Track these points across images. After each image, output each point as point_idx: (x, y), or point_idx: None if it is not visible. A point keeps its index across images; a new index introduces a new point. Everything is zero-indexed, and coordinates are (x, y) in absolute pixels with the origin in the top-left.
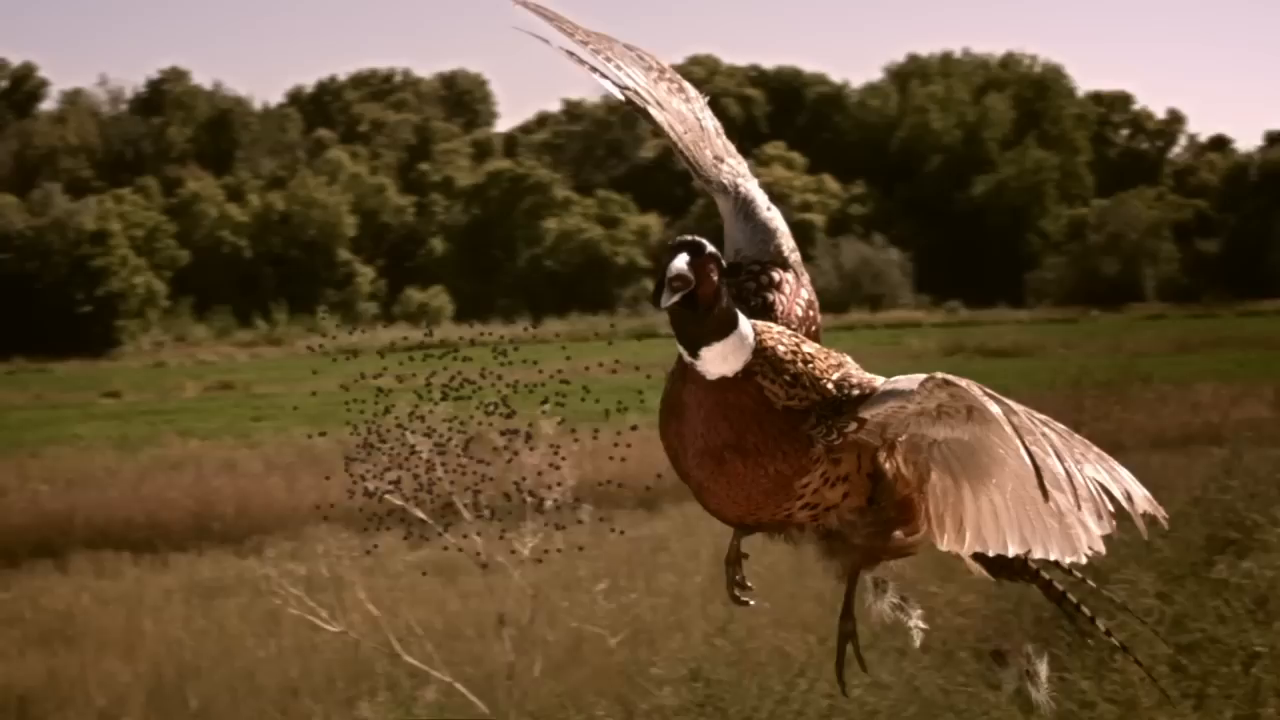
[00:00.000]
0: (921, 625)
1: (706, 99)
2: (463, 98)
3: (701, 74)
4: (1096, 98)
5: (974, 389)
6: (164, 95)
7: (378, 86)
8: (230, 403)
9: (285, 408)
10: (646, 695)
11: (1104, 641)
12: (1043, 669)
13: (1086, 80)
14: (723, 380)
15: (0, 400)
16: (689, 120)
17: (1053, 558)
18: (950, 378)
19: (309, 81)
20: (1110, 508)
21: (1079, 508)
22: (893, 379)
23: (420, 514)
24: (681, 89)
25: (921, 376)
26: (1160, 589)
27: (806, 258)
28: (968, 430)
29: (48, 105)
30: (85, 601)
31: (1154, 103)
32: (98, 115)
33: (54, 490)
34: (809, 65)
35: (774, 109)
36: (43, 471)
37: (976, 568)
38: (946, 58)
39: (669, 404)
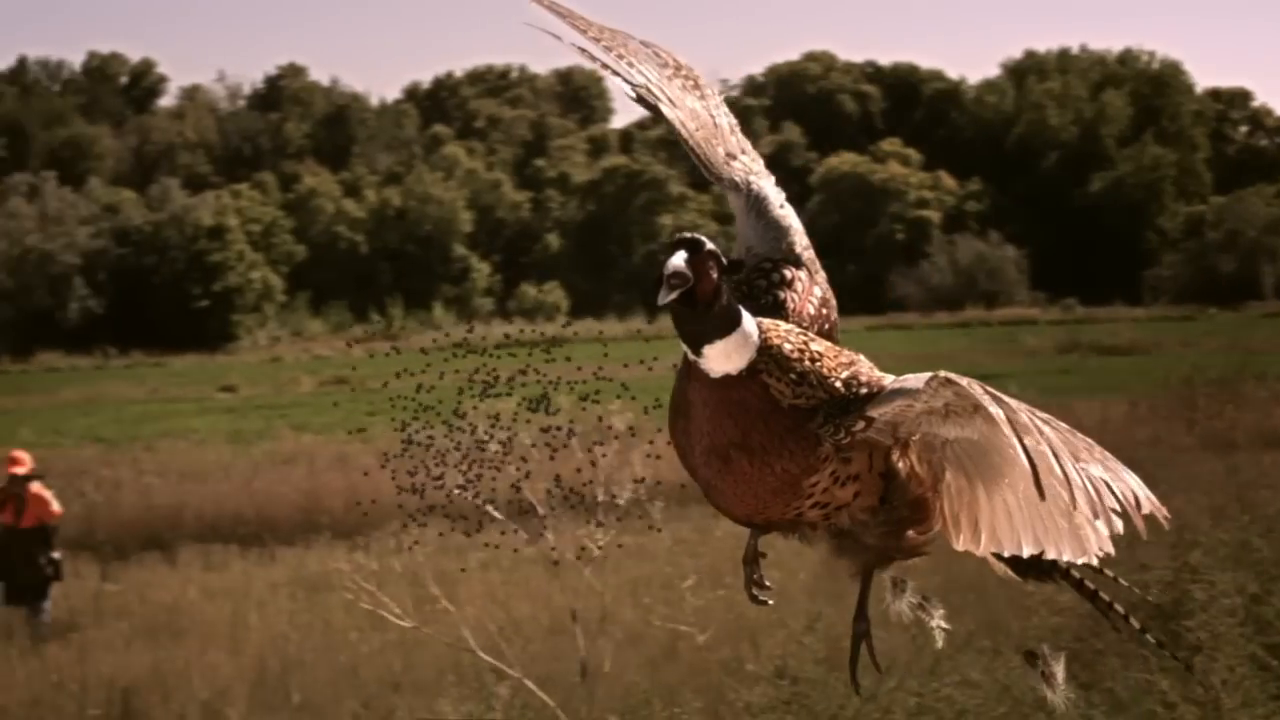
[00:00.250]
0: (944, 625)
1: (722, 96)
2: (579, 93)
3: (817, 70)
4: (1215, 94)
5: (975, 388)
6: (281, 91)
7: (494, 83)
8: (345, 397)
9: (399, 402)
10: (733, 693)
11: (1144, 641)
12: (1059, 670)
13: (1205, 77)
14: (727, 378)
15: (118, 394)
16: (701, 118)
17: (1065, 558)
18: (952, 377)
19: (426, 77)
20: (1115, 507)
21: (1074, 506)
22: (901, 378)
23: (496, 513)
24: (697, 86)
25: (928, 375)
26: (1255, 589)
27: (922, 254)
28: (977, 429)
29: (166, 101)
30: (192, 595)
31: (1273, 99)
32: (216, 111)
33: (166, 483)
34: (925, 61)
35: (890, 105)
36: (156, 465)
37: (1002, 568)
38: (1064, 54)
39: (676, 402)
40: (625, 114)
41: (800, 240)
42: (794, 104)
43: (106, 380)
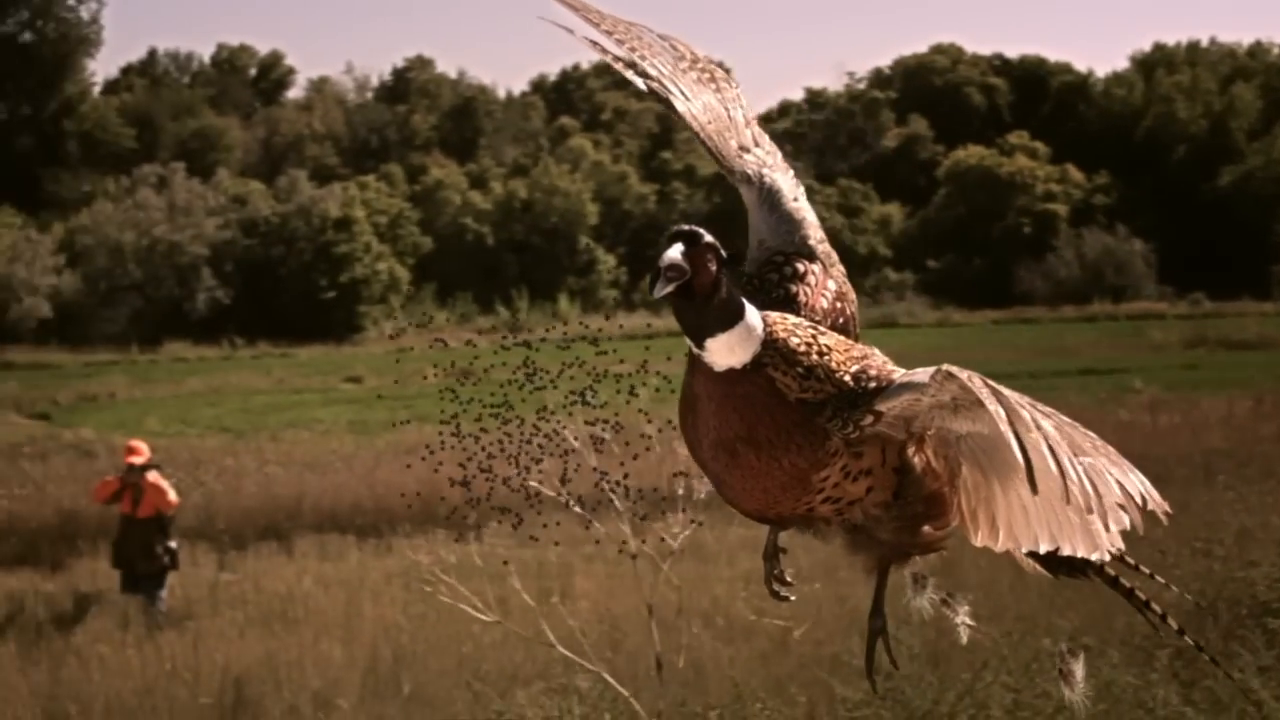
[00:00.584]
0: (969, 622)
1: (739, 88)
2: None
3: (945, 62)
4: None
5: (975, 381)
6: (409, 83)
7: (620, 75)
8: (470, 389)
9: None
10: (828, 688)
11: (1175, 637)
12: (1078, 669)
13: None
14: (731, 372)
15: (245, 384)
16: (714, 111)
17: (1079, 554)
18: (954, 371)
19: (552, 70)
20: (1117, 503)
21: (1067, 502)
22: (910, 372)
23: (577, 508)
24: (713, 79)
25: (933, 369)
26: None
27: (1048, 248)
28: (988, 424)
29: (295, 93)
30: (307, 584)
31: None
32: (344, 103)
33: (288, 473)
34: (1054, 54)
35: (1017, 98)
36: (279, 455)
37: (1030, 564)
38: (1193, 46)
39: (684, 396)
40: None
41: (815, 233)
42: (921, 97)
43: (233, 370)
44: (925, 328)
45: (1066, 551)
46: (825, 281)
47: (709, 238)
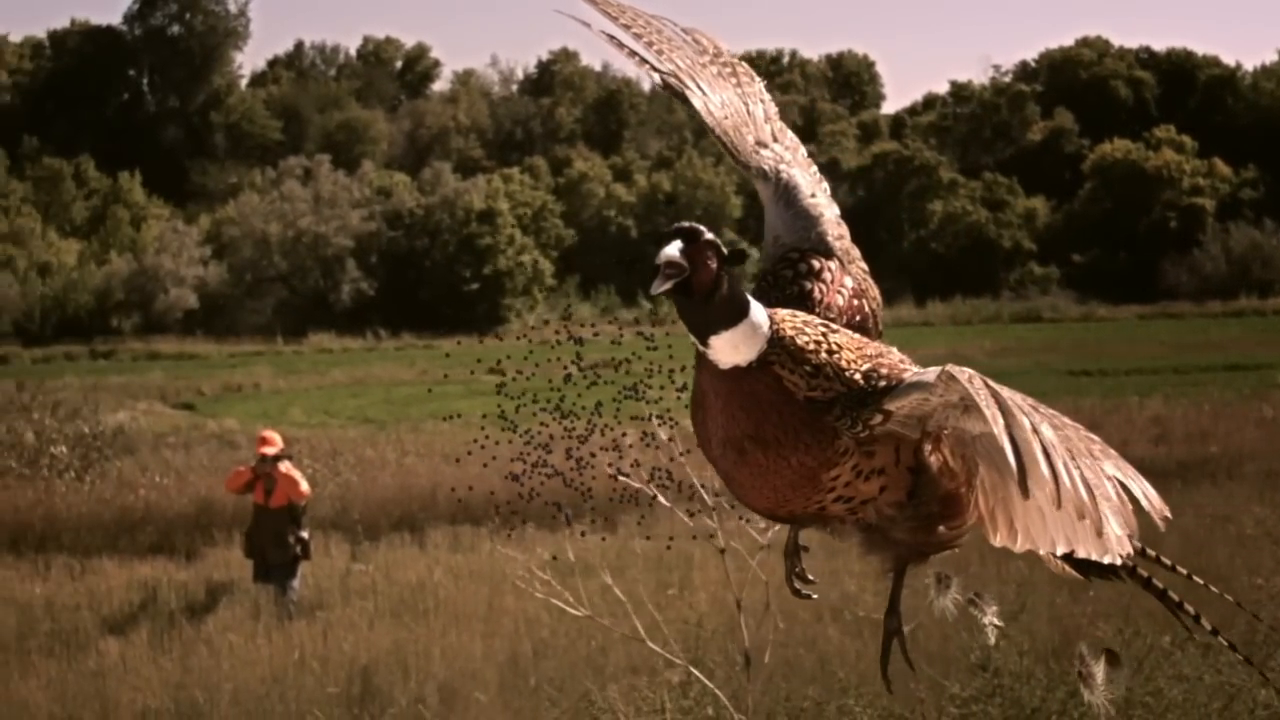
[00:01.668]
0: (997, 622)
1: (763, 83)
2: (849, 79)
3: (1091, 56)
4: None
5: (974, 383)
6: (553, 76)
7: (764, 68)
8: (612, 381)
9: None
10: (935, 686)
11: (1209, 637)
12: (1099, 671)
13: None
14: (737, 369)
15: (388, 375)
16: (732, 106)
17: (1093, 557)
18: (954, 371)
19: None
20: (1113, 508)
21: (1058, 506)
22: (920, 371)
23: (664, 500)
24: (734, 73)
25: (939, 368)
26: None
27: (1194, 242)
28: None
29: (440, 86)
30: (438, 576)
31: None
32: (489, 95)
33: (426, 465)
34: (1201, 47)
35: (1164, 91)
36: (420, 446)
37: (1059, 565)
38: None
39: (694, 393)
40: (896, 99)
41: (832, 230)
42: (1067, 90)
43: (376, 362)
44: (1069, 322)
45: (1081, 554)
46: (842, 278)
47: (709, 235)
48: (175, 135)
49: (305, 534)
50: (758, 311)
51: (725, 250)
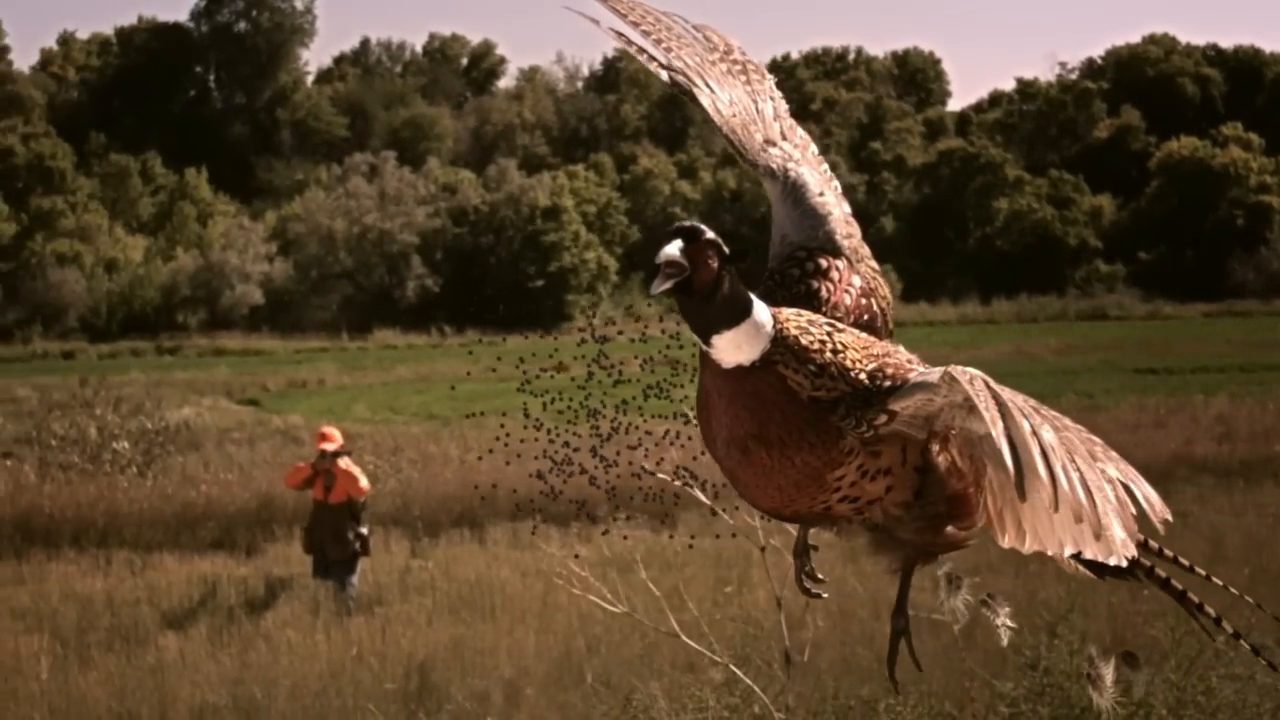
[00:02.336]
0: (1010, 624)
1: (773, 80)
2: (915, 76)
3: (1158, 53)
4: None
5: (975, 384)
6: (619, 73)
7: (830, 65)
8: (675, 378)
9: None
10: (984, 684)
11: (1229, 639)
12: (1108, 673)
13: None
14: (740, 369)
15: (452, 372)
16: (741, 104)
17: (1098, 558)
18: (955, 371)
19: (762, 60)
20: (1112, 511)
21: (1054, 509)
22: (925, 370)
23: (702, 496)
24: (744, 71)
25: (942, 369)
26: None
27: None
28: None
29: (505, 82)
30: (498, 572)
31: None
32: (554, 92)
33: (488, 461)
34: (1269, 45)
35: (1231, 89)
36: (484, 442)
37: (1073, 566)
38: None
39: (699, 392)
40: (962, 97)
41: (840, 228)
42: (1133, 87)
43: (440, 358)
44: (1135, 320)
45: (1088, 556)
46: (850, 277)
47: (709, 234)
48: (241, 132)
49: (365, 530)
50: (761, 311)
51: (727, 250)
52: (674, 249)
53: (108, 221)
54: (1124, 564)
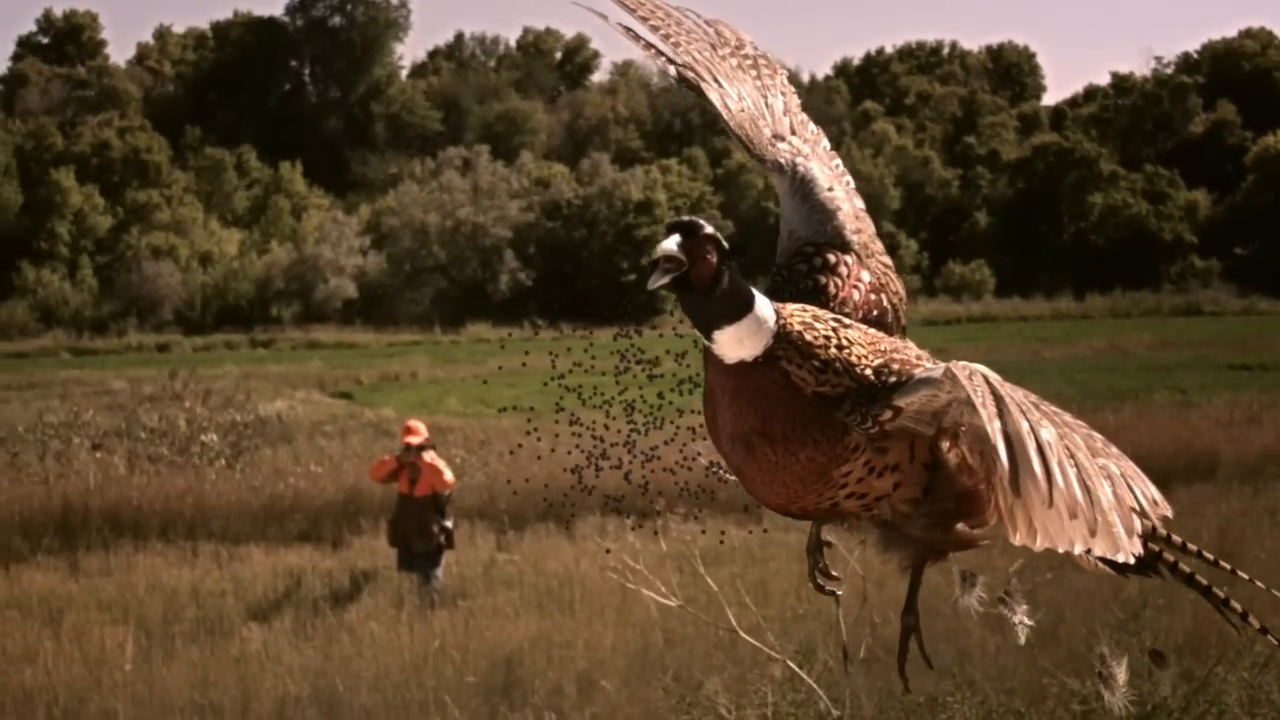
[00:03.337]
0: (1027, 621)
1: (785, 74)
2: (1010, 70)
3: (1254, 47)
4: None
5: (974, 379)
6: None
7: (925, 59)
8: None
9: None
10: (1056, 681)
11: (1255, 634)
12: (1120, 672)
13: None
14: (743, 364)
15: (545, 365)
16: (749, 98)
17: (1106, 556)
18: (955, 367)
19: (856, 54)
20: (1110, 508)
21: (1049, 505)
22: (930, 367)
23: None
24: (755, 66)
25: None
26: None
27: None
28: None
29: (599, 76)
30: (584, 566)
31: None
32: (647, 86)
33: (577, 455)
34: None
35: None
36: (573, 438)
37: (1091, 562)
38: None
39: (705, 388)
40: (1057, 91)
41: (850, 224)
42: (1229, 82)
43: (533, 352)
44: (1230, 316)
45: (1098, 553)
46: (859, 273)
47: (709, 229)
48: (336, 126)
49: (449, 523)
50: (763, 306)
51: (726, 245)
52: (671, 244)
53: (203, 215)
54: (1131, 561)
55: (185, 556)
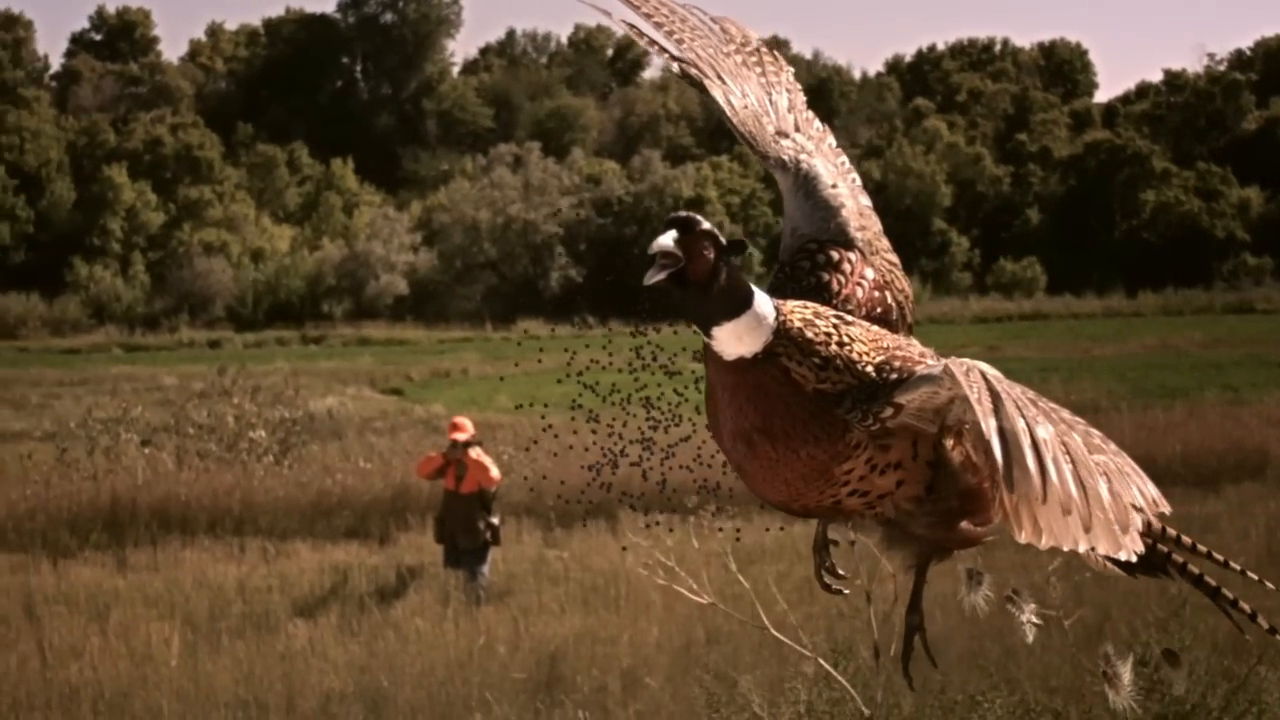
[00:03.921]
0: (1035, 620)
1: (790, 72)
2: (1062, 67)
3: None
4: None
5: (971, 375)
6: None
7: (976, 56)
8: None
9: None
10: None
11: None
12: (1125, 672)
13: None
14: (743, 361)
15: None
16: (753, 95)
17: (1107, 553)
18: (953, 364)
19: (908, 50)
20: (1107, 506)
21: (1043, 501)
22: (931, 364)
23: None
24: (760, 63)
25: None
26: None
27: None
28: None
29: (650, 73)
30: (629, 563)
31: None
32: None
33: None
34: None
35: None
36: (630, 433)
37: (1100, 562)
38: None
39: (707, 385)
40: (1109, 88)
41: (854, 220)
42: None
43: (584, 348)
44: None
45: (1101, 552)
46: (862, 270)
47: (705, 225)
48: (387, 122)
49: (496, 520)
50: (762, 302)
51: (724, 241)
52: (668, 239)
53: (254, 211)
54: (1133, 559)
55: (232, 552)
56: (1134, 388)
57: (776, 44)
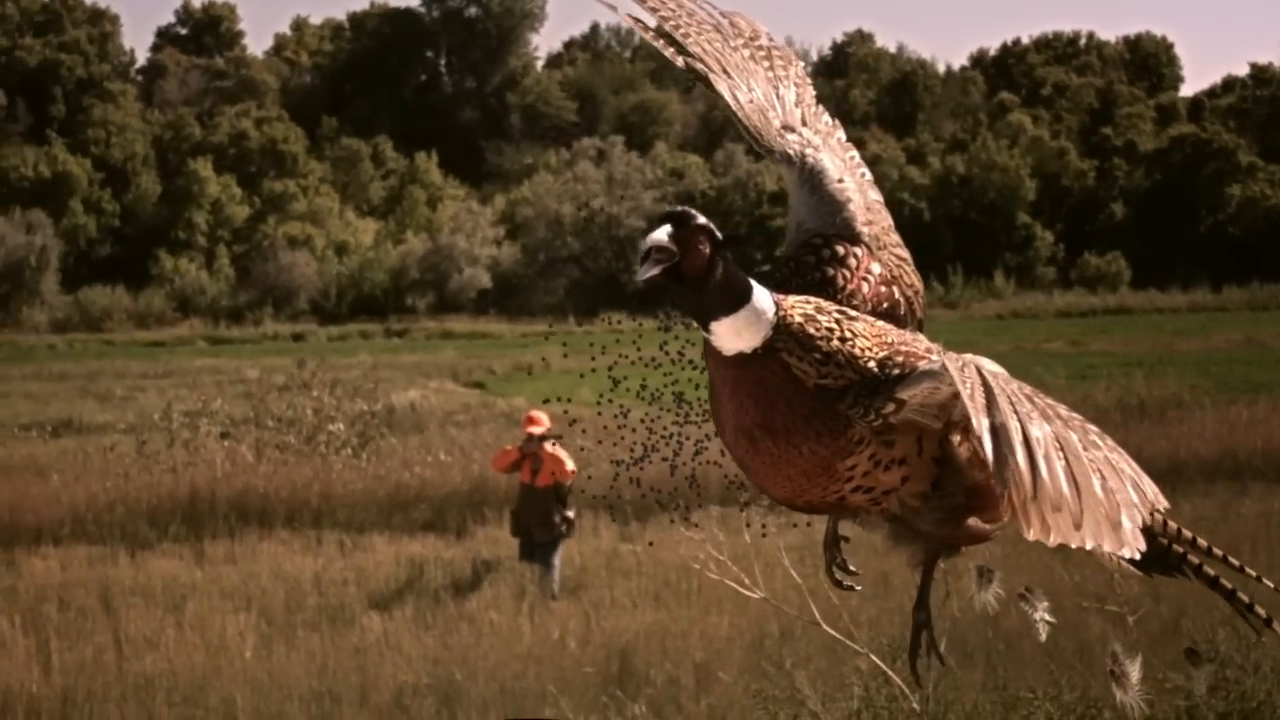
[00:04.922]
0: (1048, 618)
1: (801, 65)
2: (1147, 61)
3: None
4: None
5: (966, 370)
6: (848, 58)
7: (1061, 49)
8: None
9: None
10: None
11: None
12: (1133, 671)
13: None
14: (742, 356)
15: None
16: (759, 90)
17: (1110, 550)
18: (949, 359)
19: (992, 44)
20: (1102, 503)
21: (1033, 497)
22: (932, 360)
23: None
24: (768, 57)
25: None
26: None
27: None
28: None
29: None
30: (703, 557)
31: None
32: None
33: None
34: None
35: None
36: (705, 427)
37: (1114, 561)
38: None
39: (709, 380)
40: (1195, 82)
41: (860, 215)
42: None
43: (668, 342)
44: None
45: (1106, 549)
46: (868, 265)
47: (700, 219)
48: (471, 116)
49: (571, 514)
50: (762, 297)
51: (720, 235)
52: (662, 234)
53: (338, 205)
54: (1135, 556)
55: (309, 545)
56: (1217, 383)
57: (860, 38)
